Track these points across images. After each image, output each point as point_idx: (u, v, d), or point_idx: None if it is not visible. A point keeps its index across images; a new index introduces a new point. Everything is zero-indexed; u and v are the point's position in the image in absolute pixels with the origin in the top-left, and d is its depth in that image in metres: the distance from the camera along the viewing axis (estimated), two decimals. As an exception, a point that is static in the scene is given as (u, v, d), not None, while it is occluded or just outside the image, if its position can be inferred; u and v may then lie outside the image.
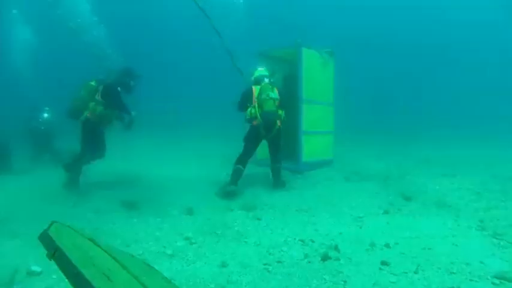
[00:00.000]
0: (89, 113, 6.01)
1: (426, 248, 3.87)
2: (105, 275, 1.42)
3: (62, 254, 1.72)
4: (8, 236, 4.21)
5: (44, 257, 3.59)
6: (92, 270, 1.50)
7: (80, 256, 1.63)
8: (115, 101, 6.14)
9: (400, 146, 10.28)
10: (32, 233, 4.18)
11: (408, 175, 6.98)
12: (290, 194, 5.94)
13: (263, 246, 4.06)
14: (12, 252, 3.80)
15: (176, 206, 5.38)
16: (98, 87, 6.14)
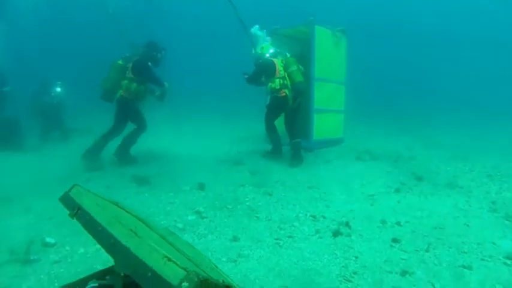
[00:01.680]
0: (122, 92, 6.04)
1: (437, 227, 3.85)
2: (133, 231, 1.42)
3: (85, 212, 1.73)
4: (21, 211, 4.33)
5: (57, 230, 3.72)
6: (118, 227, 1.50)
7: (103, 214, 1.63)
8: (148, 75, 6.22)
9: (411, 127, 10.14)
10: (45, 208, 4.35)
11: (419, 156, 6.91)
12: (301, 171, 5.93)
13: (274, 221, 4.08)
14: (27, 226, 3.91)
15: (187, 182, 5.40)
16: (126, 65, 6.18)
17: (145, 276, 1.22)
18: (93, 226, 1.67)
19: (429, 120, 11.58)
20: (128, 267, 1.32)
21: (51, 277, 2.98)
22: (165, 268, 1.19)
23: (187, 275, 1.12)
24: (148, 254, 1.29)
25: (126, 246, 1.39)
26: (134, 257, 1.32)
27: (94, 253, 3.42)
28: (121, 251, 1.40)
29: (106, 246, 1.50)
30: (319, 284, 2.92)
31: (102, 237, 1.56)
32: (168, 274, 1.17)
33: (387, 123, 10.66)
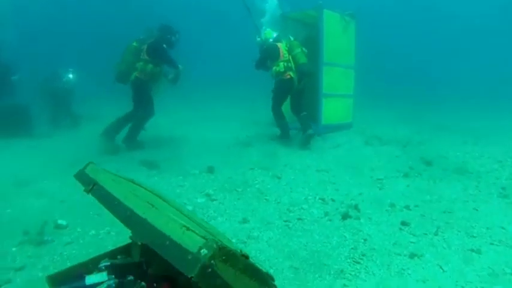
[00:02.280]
0: (137, 73, 6.05)
1: (446, 211, 3.85)
2: (149, 203, 1.44)
3: (101, 188, 1.75)
4: (34, 195, 4.40)
5: (68, 213, 3.77)
6: (134, 200, 1.52)
7: (119, 189, 1.65)
8: (164, 56, 6.23)
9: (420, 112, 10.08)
10: (56, 192, 4.42)
11: (428, 141, 6.87)
12: (310, 155, 5.93)
13: (283, 204, 4.10)
14: (40, 209, 3.98)
15: (197, 165, 5.43)
16: (140, 47, 6.17)
17: (164, 245, 1.24)
18: (109, 200, 1.69)
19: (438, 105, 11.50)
20: (146, 238, 1.34)
21: (64, 258, 3.05)
22: (184, 237, 1.21)
23: (206, 243, 1.14)
24: (165, 224, 1.30)
25: (143, 217, 1.41)
26: (152, 228, 1.34)
27: (105, 235, 3.47)
28: (138, 223, 1.42)
29: (123, 218, 1.53)
30: (328, 265, 2.94)
31: (119, 210, 1.58)
32: (186, 242, 1.18)
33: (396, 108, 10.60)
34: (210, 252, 1.11)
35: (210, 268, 1.11)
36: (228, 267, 1.17)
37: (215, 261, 1.12)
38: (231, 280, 1.19)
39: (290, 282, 2.70)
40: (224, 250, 1.15)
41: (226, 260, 1.16)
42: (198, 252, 1.12)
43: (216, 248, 1.13)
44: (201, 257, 1.11)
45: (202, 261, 1.09)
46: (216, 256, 1.13)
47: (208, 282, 1.13)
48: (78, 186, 4.38)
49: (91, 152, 6.11)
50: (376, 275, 2.81)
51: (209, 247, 1.13)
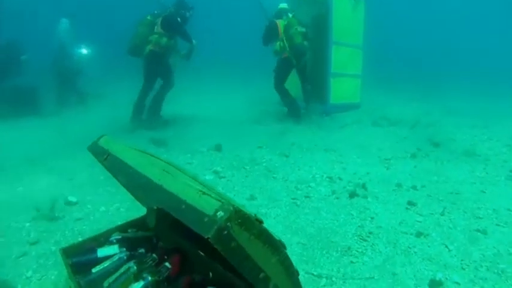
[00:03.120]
0: (152, 46, 6.03)
1: (453, 192, 3.86)
2: (165, 171, 1.46)
3: (114, 157, 1.77)
4: (44, 172, 4.47)
5: (78, 190, 3.83)
6: (149, 168, 1.54)
7: (133, 158, 1.67)
8: (179, 29, 6.21)
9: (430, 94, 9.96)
10: (66, 169, 4.48)
11: (437, 123, 6.83)
12: (318, 135, 5.94)
13: (291, 182, 4.13)
14: (50, 186, 4.05)
15: (204, 143, 5.46)
16: (154, 21, 6.14)
17: (180, 209, 1.27)
18: (123, 169, 1.71)
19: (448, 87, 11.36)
20: (162, 203, 1.37)
21: (75, 233, 3.11)
22: (200, 200, 1.23)
23: (222, 205, 1.16)
24: (181, 189, 1.32)
25: (159, 184, 1.43)
26: (167, 193, 1.36)
27: (115, 211, 3.53)
28: (153, 189, 1.44)
29: (138, 185, 1.54)
30: (335, 242, 2.97)
31: (134, 178, 1.60)
32: (202, 205, 1.20)
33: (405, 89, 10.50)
34: (226, 215, 1.13)
35: (226, 230, 1.13)
36: (243, 231, 1.19)
37: (231, 224, 1.14)
38: (245, 244, 1.21)
39: (298, 258, 2.73)
40: (240, 213, 1.17)
41: (241, 224, 1.18)
42: (215, 214, 1.14)
43: (232, 211, 1.14)
44: (217, 219, 1.13)
45: (219, 223, 1.12)
46: (232, 219, 1.14)
47: (224, 245, 1.15)
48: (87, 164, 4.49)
49: (99, 130, 6.10)
50: (383, 253, 2.84)
51: (225, 210, 1.14)
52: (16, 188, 4.03)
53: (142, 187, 1.53)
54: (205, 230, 1.13)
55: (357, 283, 2.51)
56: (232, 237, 1.16)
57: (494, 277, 2.54)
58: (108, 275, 1.90)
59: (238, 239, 1.18)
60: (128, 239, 2.18)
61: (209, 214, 1.16)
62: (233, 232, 1.16)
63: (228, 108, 8.13)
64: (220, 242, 1.14)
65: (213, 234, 1.11)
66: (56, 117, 7.48)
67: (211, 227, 1.12)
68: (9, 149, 5.19)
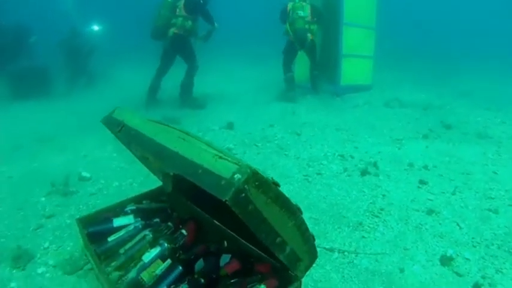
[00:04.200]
0: (176, 29, 6.00)
1: (465, 173, 3.83)
2: (180, 138, 1.46)
3: (129, 128, 1.78)
4: (58, 150, 4.53)
5: (91, 166, 3.87)
6: (164, 136, 1.54)
7: (148, 128, 1.68)
8: (203, 12, 6.14)
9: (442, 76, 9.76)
10: (79, 147, 4.52)
11: (449, 105, 6.73)
12: (329, 115, 5.90)
13: (303, 159, 4.14)
14: (64, 163, 4.10)
15: (216, 121, 5.47)
16: (175, 3, 6.04)
17: (196, 173, 1.27)
18: (138, 138, 1.72)
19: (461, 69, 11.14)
20: (178, 168, 1.37)
21: (89, 207, 3.17)
22: (216, 164, 1.23)
23: (239, 168, 1.16)
24: (197, 154, 1.32)
25: (174, 150, 1.43)
26: (183, 159, 1.37)
27: (128, 186, 3.57)
28: (169, 156, 1.44)
29: (153, 154, 1.55)
30: (347, 218, 2.99)
31: (149, 147, 1.61)
32: (219, 169, 1.20)
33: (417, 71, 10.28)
34: (243, 177, 1.13)
35: (243, 193, 1.14)
36: (260, 194, 1.19)
37: (248, 187, 1.14)
38: (262, 207, 1.22)
39: (310, 232, 2.75)
40: (257, 176, 1.17)
41: (258, 186, 1.18)
42: (232, 177, 1.14)
43: (250, 173, 1.14)
44: (234, 181, 1.13)
45: (236, 185, 1.12)
46: (249, 181, 1.14)
47: (241, 208, 1.16)
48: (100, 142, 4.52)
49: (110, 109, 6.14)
50: (394, 229, 2.85)
51: (243, 172, 1.14)
52: (31, 165, 4.09)
53: (157, 155, 1.54)
54: (222, 193, 1.13)
55: (369, 257, 2.53)
56: (250, 200, 1.17)
57: (505, 255, 2.55)
58: (124, 243, 1.94)
59: (255, 202, 1.19)
60: (142, 210, 2.20)
61: (226, 177, 1.16)
62: (250, 195, 1.16)
63: (240, 87, 8.06)
64: (238, 205, 1.15)
65: (231, 197, 1.11)
66: (67, 98, 7.50)
67: (229, 190, 1.12)
68: (23, 129, 5.25)
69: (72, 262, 2.40)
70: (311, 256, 1.53)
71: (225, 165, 1.21)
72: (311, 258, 1.54)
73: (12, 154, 4.39)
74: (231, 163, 1.20)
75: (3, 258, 2.53)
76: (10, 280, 2.35)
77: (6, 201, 3.31)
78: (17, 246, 2.61)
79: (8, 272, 2.41)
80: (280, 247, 1.37)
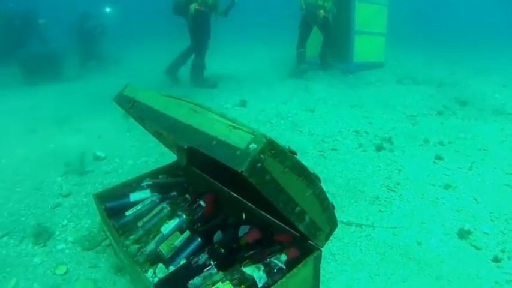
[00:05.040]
0: (197, 5, 5.93)
1: (482, 149, 3.77)
2: (192, 110, 1.44)
3: (140, 104, 1.77)
4: (72, 131, 4.57)
5: (106, 146, 3.89)
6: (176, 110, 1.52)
7: (160, 102, 1.66)
8: None
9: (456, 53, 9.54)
10: (93, 128, 4.54)
11: (464, 82, 6.58)
12: (342, 91, 5.84)
13: (317, 135, 4.11)
14: (78, 144, 4.13)
15: (229, 99, 5.45)
16: None
17: (211, 145, 1.24)
18: (150, 114, 1.71)
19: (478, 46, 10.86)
20: (191, 141, 1.35)
21: (105, 185, 3.19)
22: (231, 135, 1.20)
23: (254, 138, 1.13)
24: (210, 126, 1.30)
25: (187, 123, 1.41)
26: (196, 131, 1.34)
27: (142, 164, 3.60)
28: (182, 129, 1.42)
29: (166, 128, 1.54)
30: (363, 192, 2.98)
31: (161, 122, 1.58)
32: (234, 140, 1.17)
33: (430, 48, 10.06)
34: (259, 147, 1.10)
35: (259, 163, 1.11)
36: (276, 164, 1.17)
37: (264, 156, 1.12)
38: (279, 177, 1.20)
39: (326, 207, 2.75)
40: (273, 144, 1.14)
41: (275, 156, 1.15)
42: (247, 147, 1.11)
43: (266, 142, 1.11)
44: (250, 151, 1.09)
45: (252, 155, 1.08)
46: (265, 151, 1.11)
47: (258, 178, 1.13)
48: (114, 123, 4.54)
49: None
50: (411, 203, 2.84)
51: (258, 142, 1.11)
52: (47, 147, 4.13)
53: (170, 129, 1.52)
54: (238, 164, 1.10)
55: (386, 230, 2.52)
56: (266, 170, 1.14)
57: (525, 230, 2.51)
58: (141, 217, 1.95)
59: (272, 171, 1.16)
60: (159, 185, 2.21)
61: (241, 147, 1.12)
62: (266, 165, 1.14)
63: (252, 66, 7.98)
64: (254, 175, 1.12)
65: (247, 168, 1.08)
66: (79, 81, 7.52)
67: (245, 160, 1.09)
68: (37, 112, 5.28)
69: (90, 238, 2.45)
70: (331, 225, 1.51)
71: (239, 135, 1.18)
72: (331, 227, 1.52)
73: (28, 137, 4.43)
74: (246, 133, 1.16)
75: (26, 235, 2.62)
76: (33, 255, 2.43)
77: (24, 182, 3.37)
78: (37, 224, 2.68)
79: (31, 248, 2.50)
80: (299, 217, 1.36)
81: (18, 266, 2.33)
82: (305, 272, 1.58)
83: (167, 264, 1.71)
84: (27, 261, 2.37)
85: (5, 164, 3.76)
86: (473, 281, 2.09)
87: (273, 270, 1.52)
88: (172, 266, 1.70)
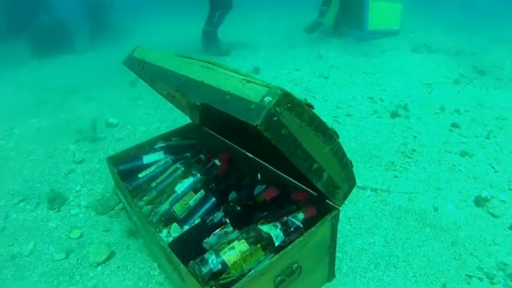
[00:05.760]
0: None
1: (500, 118, 3.66)
2: (204, 67, 1.40)
3: (150, 64, 1.72)
4: (84, 100, 4.59)
5: (118, 113, 3.89)
6: (188, 68, 1.48)
7: (170, 62, 1.61)
8: None
9: (475, 21, 9.22)
10: (105, 97, 4.54)
11: (482, 51, 6.36)
12: (356, 59, 5.70)
13: (331, 102, 4.05)
14: (90, 112, 4.14)
15: (242, 66, 5.38)
16: None
17: (224, 100, 1.19)
18: (160, 74, 1.66)
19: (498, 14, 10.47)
20: (204, 98, 1.30)
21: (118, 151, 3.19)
22: (244, 89, 1.15)
23: (269, 90, 1.08)
24: (223, 81, 1.25)
25: (199, 80, 1.36)
26: (209, 87, 1.30)
27: (155, 130, 3.60)
28: (194, 87, 1.38)
29: (178, 87, 1.49)
30: (378, 157, 2.94)
31: (173, 81, 1.54)
32: (248, 93, 1.13)
33: (449, 16, 9.75)
34: (274, 99, 1.05)
35: (275, 116, 1.06)
36: (293, 117, 1.12)
37: (280, 109, 1.07)
38: (296, 131, 1.15)
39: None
40: (289, 97, 1.09)
41: (291, 109, 1.10)
42: (262, 100, 1.06)
43: (281, 94, 1.06)
44: (265, 104, 1.05)
45: (267, 108, 1.04)
46: (281, 103, 1.06)
47: (274, 132, 1.08)
48: (125, 92, 4.53)
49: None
50: (427, 169, 2.79)
51: (273, 94, 1.06)
52: (59, 116, 4.16)
53: (182, 88, 1.47)
54: (253, 118, 1.05)
55: (402, 196, 2.49)
56: (282, 123, 1.10)
57: (545, 199, 2.45)
58: (155, 178, 1.93)
59: (288, 125, 1.12)
60: (172, 147, 2.18)
61: (256, 101, 1.08)
62: (283, 118, 1.09)
63: (265, 34, 7.78)
64: (270, 130, 1.07)
65: (262, 121, 1.03)
66: (90, 53, 7.48)
67: (260, 113, 1.04)
68: (48, 83, 5.27)
69: (103, 202, 2.46)
70: (349, 183, 1.47)
71: (253, 88, 1.13)
72: (349, 185, 1.48)
73: (40, 107, 4.45)
74: (260, 86, 1.12)
75: (41, 201, 2.67)
76: (48, 220, 2.48)
77: (37, 150, 3.41)
78: (51, 190, 2.71)
79: (46, 213, 2.54)
80: (317, 174, 1.31)
81: (34, 230, 2.39)
82: (323, 232, 1.56)
83: (181, 224, 1.70)
84: (43, 226, 2.42)
85: (18, 134, 3.79)
86: (489, 247, 2.06)
87: (290, 228, 1.49)
88: (186, 225, 1.69)
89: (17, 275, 2.07)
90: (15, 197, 2.72)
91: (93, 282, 1.97)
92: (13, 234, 2.37)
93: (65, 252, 2.17)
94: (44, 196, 2.67)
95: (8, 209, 2.61)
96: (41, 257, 2.17)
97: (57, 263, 2.11)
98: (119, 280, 1.97)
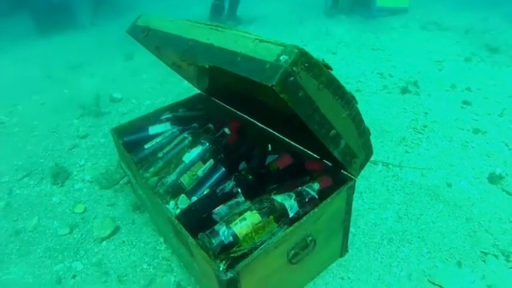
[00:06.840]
0: None
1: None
2: (212, 29, 1.32)
3: (155, 31, 1.65)
4: (87, 76, 4.52)
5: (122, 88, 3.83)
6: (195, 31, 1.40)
7: (176, 27, 1.53)
8: None
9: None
10: (108, 73, 4.45)
11: (495, 29, 6.18)
12: (364, 35, 5.57)
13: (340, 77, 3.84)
14: (94, 87, 4.07)
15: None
16: None
17: (235, 62, 1.11)
18: (167, 40, 1.58)
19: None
20: (213, 60, 1.23)
21: (122, 124, 3.17)
22: (257, 49, 1.07)
23: (285, 49, 1.00)
24: (234, 42, 1.17)
25: (208, 43, 1.28)
26: (218, 49, 1.22)
27: (160, 104, 3.54)
28: (203, 50, 1.30)
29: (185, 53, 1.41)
30: (389, 132, 2.88)
31: (179, 45, 1.46)
32: (261, 53, 1.05)
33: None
34: (291, 58, 0.96)
35: (292, 76, 0.98)
36: (310, 78, 1.04)
37: (297, 69, 0.99)
38: (313, 94, 1.08)
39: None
40: (307, 56, 1.01)
41: (308, 69, 1.02)
42: (277, 59, 0.98)
43: (298, 53, 0.98)
44: (281, 63, 0.96)
45: (284, 67, 0.95)
46: (298, 63, 0.98)
47: (291, 94, 1.01)
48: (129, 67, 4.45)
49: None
50: (439, 145, 2.72)
51: (290, 52, 0.98)
52: (62, 91, 4.11)
53: (189, 53, 1.39)
54: (267, 78, 0.97)
55: (414, 171, 2.43)
56: (299, 85, 1.02)
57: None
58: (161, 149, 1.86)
59: (305, 87, 1.04)
60: (179, 118, 2.11)
61: (271, 60, 0.99)
62: (300, 79, 1.01)
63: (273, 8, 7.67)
64: (286, 91, 0.99)
65: (278, 81, 0.95)
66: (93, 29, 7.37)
67: (275, 73, 0.96)
68: (51, 60, 5.19)
69: (108, 176, 2.42)
70: (366, 152, 1.41)
71: (267, 47, 1.04)
72: (366, 154, 1.41)
73: (43, 83, 4.39)
74: (275, 45, 1.03)
75: (45, 176, 2.63)
76: (52, 195, 2.44)
77: (41, 126, 3.37)
78: (54, 164, 2.66)
79: (49, 188, 2.51)
80: (334, 141, 1.24)
81: (38, 205, 2.36)
82: (338, 203, 1.50)
83: (189, 195, 1.64)
84: (47, 201, 2.39)
85: (22, 110, 3.75)
86: (504, 225, 2.00)
87: (304, 199, 1.42)
88: (194, 197, 1.62)
89: (22, 250, 2.04)
90: (19, 173, 2.69)
91: (97, 258, 1.94)
92: (17, 210, 2.34)
93: (69, 227, 2.14)
94: (48, 171, 2.64)
95: (12, 184, 2.58)
96: (45, 232, 2.14)
97: (61, 238, 2.09)
98: (124, 255, 1.94)
